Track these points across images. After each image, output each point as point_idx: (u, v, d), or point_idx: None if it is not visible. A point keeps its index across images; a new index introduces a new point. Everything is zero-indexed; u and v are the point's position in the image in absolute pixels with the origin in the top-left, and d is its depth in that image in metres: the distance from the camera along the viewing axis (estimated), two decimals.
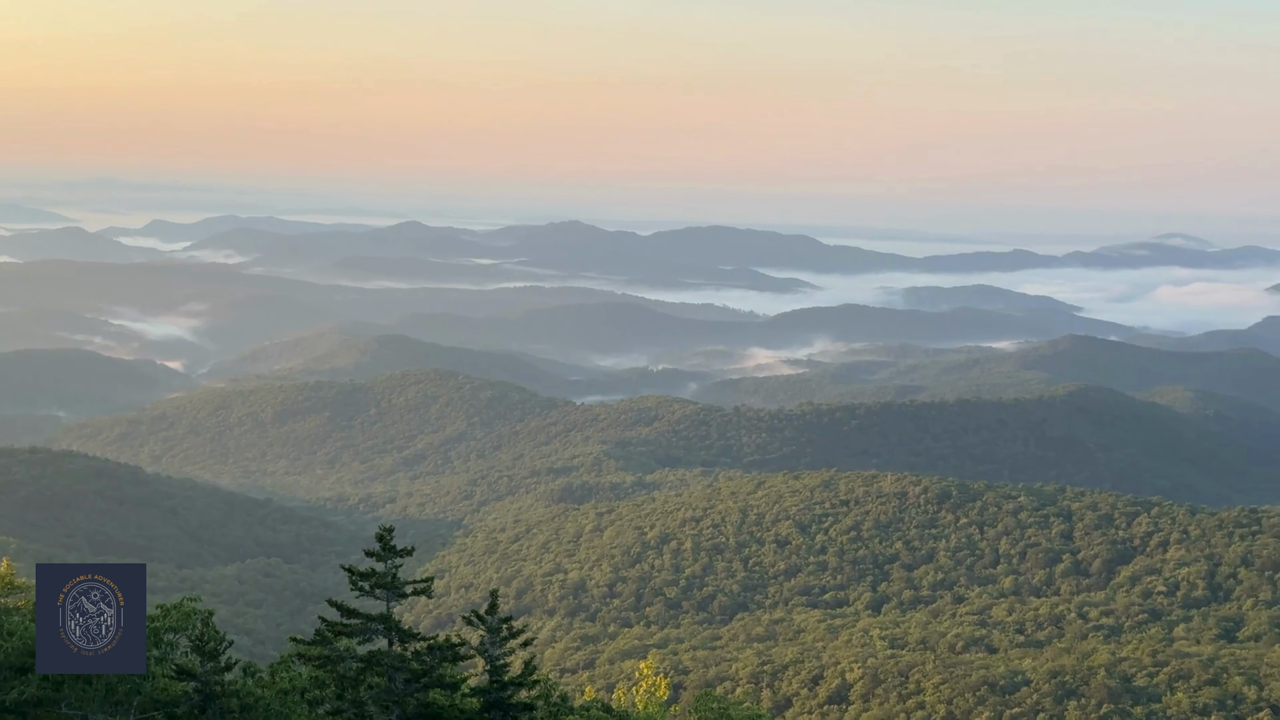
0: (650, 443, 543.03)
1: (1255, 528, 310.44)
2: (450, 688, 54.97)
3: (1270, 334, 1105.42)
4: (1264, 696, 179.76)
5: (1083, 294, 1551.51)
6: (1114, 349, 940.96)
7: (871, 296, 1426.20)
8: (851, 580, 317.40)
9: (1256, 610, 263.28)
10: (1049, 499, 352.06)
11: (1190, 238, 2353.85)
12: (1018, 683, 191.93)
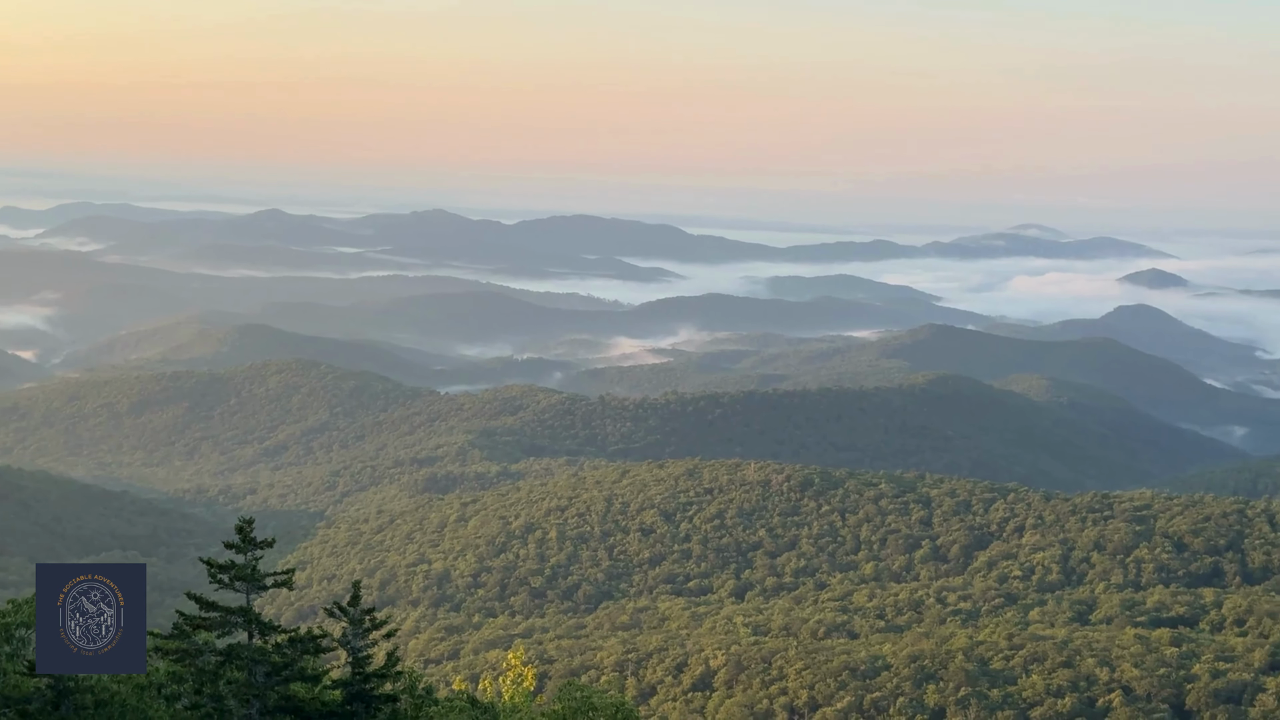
0: (515, 432, 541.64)
1: (1107, 512, 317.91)
2: (312, 680, 54.33)
3: (1122, 323, 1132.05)
4: (1115, 678, 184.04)
5: (942, 284, 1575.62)
6: (972, 338, 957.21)
7: (735, 286, 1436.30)
8: (715, 568, 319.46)
9: (1108, 593, 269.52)
10: (909, 486, 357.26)
11: (1045, 229, 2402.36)
12: (878, 667, 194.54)
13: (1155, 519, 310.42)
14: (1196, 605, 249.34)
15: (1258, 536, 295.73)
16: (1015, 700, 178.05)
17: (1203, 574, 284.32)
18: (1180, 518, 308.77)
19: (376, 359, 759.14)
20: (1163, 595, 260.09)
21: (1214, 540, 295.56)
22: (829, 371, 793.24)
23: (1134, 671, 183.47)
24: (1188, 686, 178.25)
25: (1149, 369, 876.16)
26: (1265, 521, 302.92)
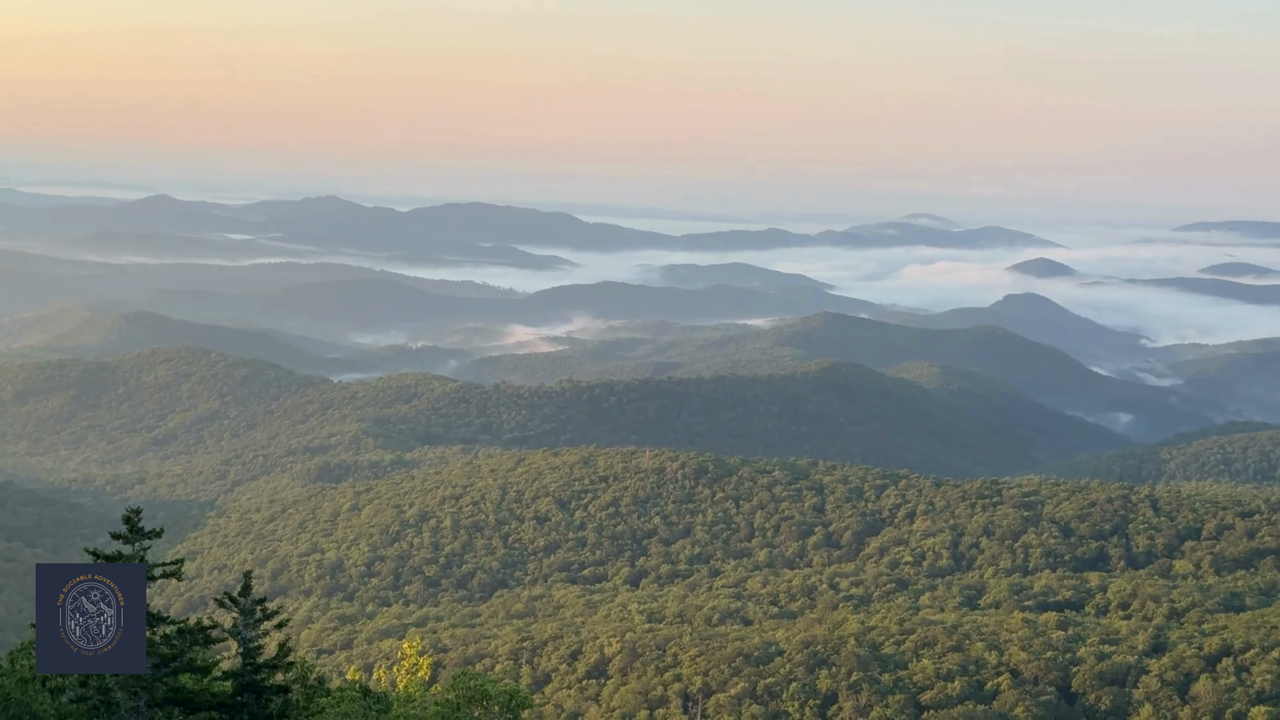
0: (409, 420, 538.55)
1: (996, 499, 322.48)
2: (201, 671, 53.65)
3: (1010, 311, 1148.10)
4: (1004, 661, 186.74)
5: (834, 272, 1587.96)
6: (864, 326, 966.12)
7: (630, 274, 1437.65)
8: (610, 556, 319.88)
9: (997, 578, 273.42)
10: (802, 473, 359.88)
11: (936, 218, 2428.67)
12: (771, 653, 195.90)
13: (1043, 505, 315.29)
14: (1082, 589, 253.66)
15: (1142, 521, 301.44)
16: (906, 684, 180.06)
17: (1088, 559, 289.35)
18: (1067, 503, 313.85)
19: (268, 347, 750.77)
20: (1050, 580, 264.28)
21: (1099, 525, 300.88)
22: (723, 359, 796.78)
23: (1022, 655, 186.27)
24: (1074, 669, 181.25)
25: (1037, 357, 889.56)
26: (1149, 507, 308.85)
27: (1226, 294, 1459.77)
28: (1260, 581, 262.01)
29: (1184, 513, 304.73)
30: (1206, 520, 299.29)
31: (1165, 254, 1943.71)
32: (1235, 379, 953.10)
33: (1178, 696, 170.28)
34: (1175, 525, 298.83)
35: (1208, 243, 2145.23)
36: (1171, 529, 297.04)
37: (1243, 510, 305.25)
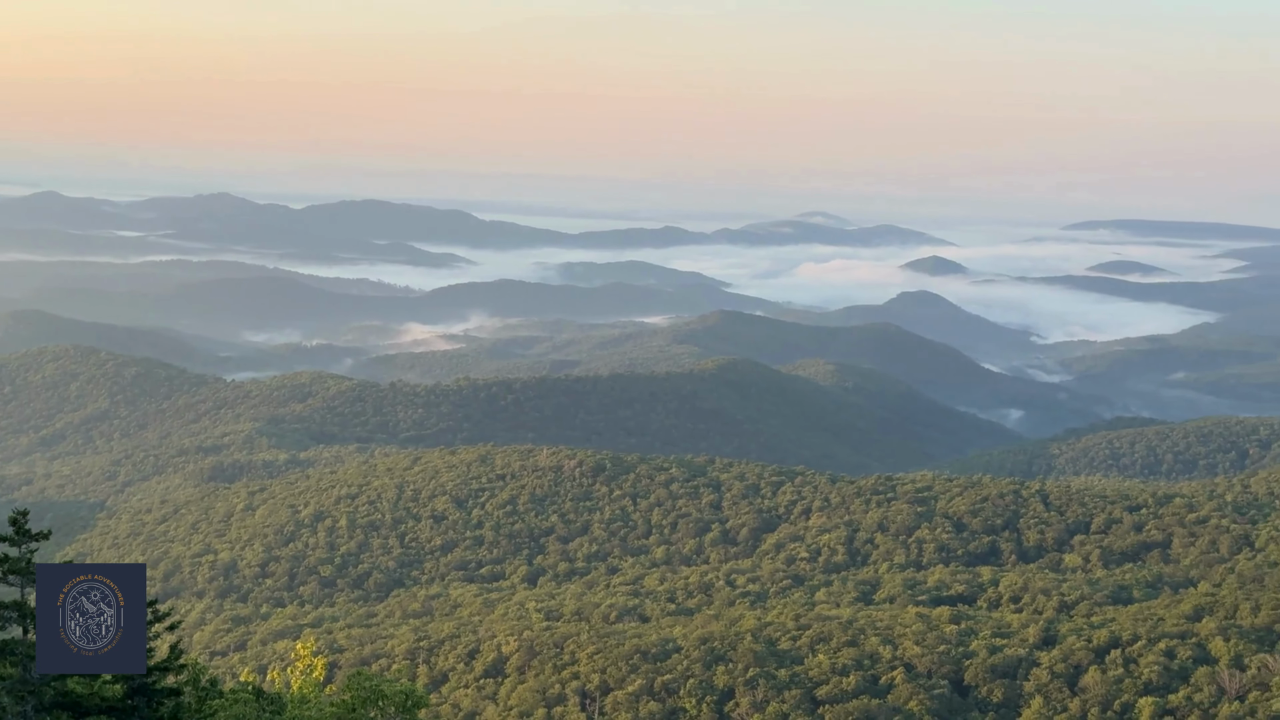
0: (304, 419, 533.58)
1: (890, 494, 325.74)
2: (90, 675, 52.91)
3: (904, 309, 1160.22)
4: (898, 655, 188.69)
5: (731, 270, 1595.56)
6: (760, 324, 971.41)
7: (527, 272, 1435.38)
8: (508, 554, 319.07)
9: (891, 573, 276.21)
10: (699, 470, 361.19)
11: (831, 216, 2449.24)
12: (669, 650, 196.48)
13: (936, 500, 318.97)
14: (975, 584, 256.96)
15: (1032, 516, 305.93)
16: (802, 680, 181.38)
17: (981, 553, 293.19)
18: (960, 499, 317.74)
19: (160, 346, 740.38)
20: (943, 574, 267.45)
21: (991, 520, 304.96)
22: (620, 357, 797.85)
23: (915, 649, 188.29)
24: (966, 663, 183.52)
25: (930, 354, 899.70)
26: (1039, 501, 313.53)
27: (1114, 291, 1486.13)
28: (1147, 574, 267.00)
29: (1073, 507, 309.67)
30: (1095, 515, 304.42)
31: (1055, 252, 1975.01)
32: (1122, 375, 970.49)
33: (1067, 688, 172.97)
34: (1065, 520, 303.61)
35: (1095, 241, 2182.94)
36: (1061, 523, 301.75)
37: (1130, 504, 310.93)
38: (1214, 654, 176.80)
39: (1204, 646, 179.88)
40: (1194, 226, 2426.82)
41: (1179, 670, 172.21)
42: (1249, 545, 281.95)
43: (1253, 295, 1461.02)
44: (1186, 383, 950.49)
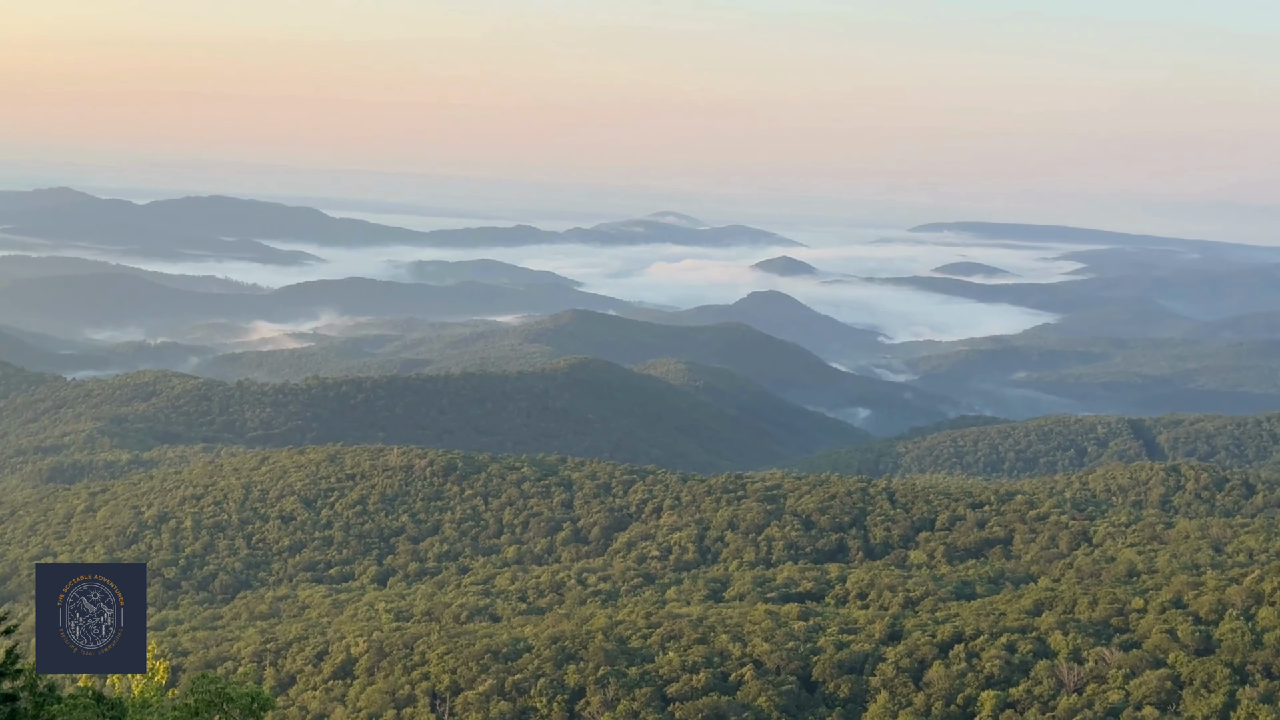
0: (148, 419, 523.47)
1: (740, 493, 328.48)
2: None
3: (754, 309, 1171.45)
4: (747, 652, 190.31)
5: (583, 269, 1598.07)
6: (612, 323, 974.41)
7: (378, 270, 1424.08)
8: (358, 554, 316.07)
9: (741, 571, 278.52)
10: (551, 469, 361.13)
11: (682, 216, 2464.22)
12: (520, 649, 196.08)
13: (785, 498, 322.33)
14: (823, 580, 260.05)
15: (879, 513, 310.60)
16: (652, 678, 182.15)
17: (829, 550, 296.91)
18: (808, 496, 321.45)
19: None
20: (792, 571, 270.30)
21: (839, 518, 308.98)
22: (472, 356, 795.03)
23: (764, 646, 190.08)
24: (814, 659, 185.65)
25: (780, 353, 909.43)
26: (886, 499, 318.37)
27: (958, 292, 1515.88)
28: (989, 570, 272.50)
29: (919, 504, 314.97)
30: (940, 512, 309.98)
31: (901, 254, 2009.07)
32: (966, 374, 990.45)
33: (912, 683, 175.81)
34: (910, 517, 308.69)
35: (940, 243, 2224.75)
36: (907, 520, 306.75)
37: (973, 502, 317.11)
38: (1053, 648, 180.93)
39: (1044, 641, 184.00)
40: (1035, 229, 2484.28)
41: (1020, 664, 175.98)
42: (1087, 541, 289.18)
43: (1091, 297, 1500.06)
44: (1028, 382, 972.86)
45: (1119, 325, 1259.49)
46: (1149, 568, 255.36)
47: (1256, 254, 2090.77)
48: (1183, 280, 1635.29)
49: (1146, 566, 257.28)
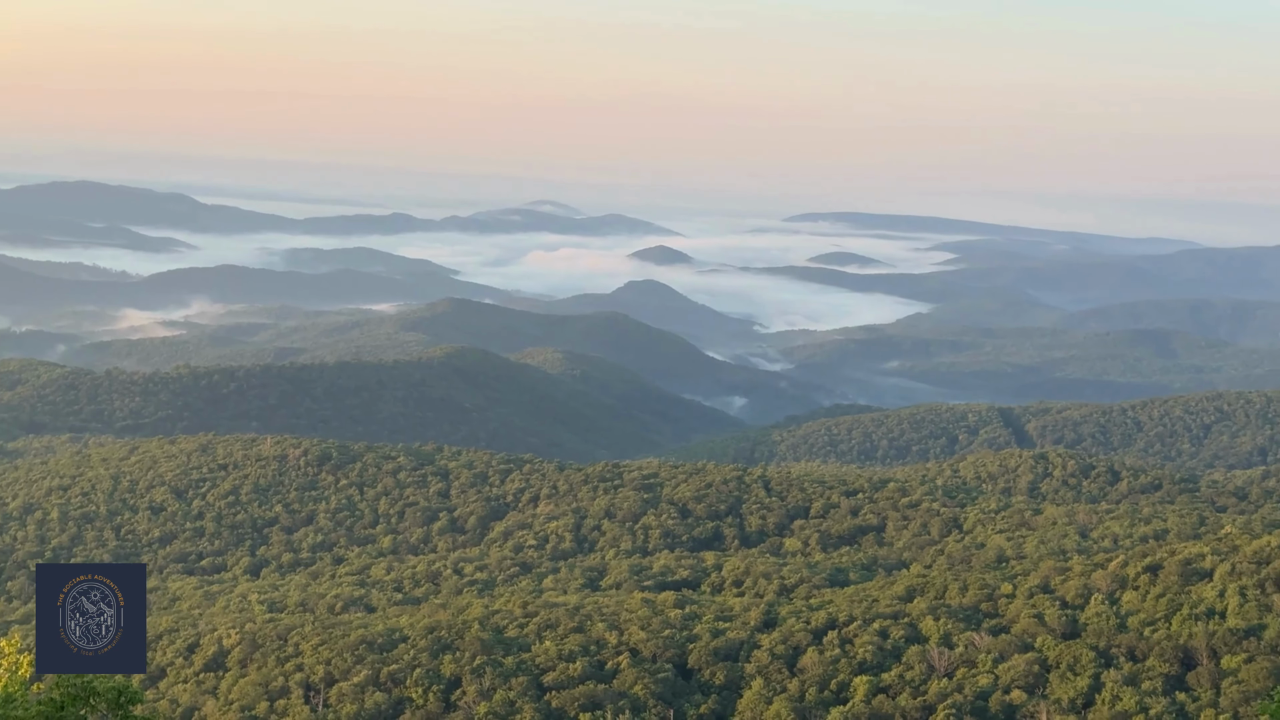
0: (12, 408, 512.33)
1: (617, 481, 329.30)
2: None
3: (631, 298, 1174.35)
4: (624, 640, 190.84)
5: (460, 258, 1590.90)
6: (489, 312, 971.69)
7: (250, 257, 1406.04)
8: (230, 545, 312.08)
9: (618, 559, 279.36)
10: (427, 459, 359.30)
11: (560, 205, 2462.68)
12: (395, 640, 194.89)
13: (662, 487, 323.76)
14: (699, 568, 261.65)
15: (754, 501, 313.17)
16: (529, 667, 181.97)
17: (705, 538, 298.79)
18: (685, 485, 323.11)
19: None
20: (668, 560, 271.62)
21: (715, 506, 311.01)
22: (347, 345, 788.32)
23: (641, 634, 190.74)
24: (690, 646, 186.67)
25: (657, 342, 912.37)
26: (761, 487, 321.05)
27: (833, 282, 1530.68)
28: (863, 557, 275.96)
29: (793, 492, 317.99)
30: (814, 500, 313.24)
31: (777, 244, 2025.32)
32: (840, 363, 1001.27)
33: (787, 669, 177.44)
34: (785, 505, 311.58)
35: (815, 233, 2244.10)
36: (782, 508, 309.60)
37: (847, 489, 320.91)
38: (925, 633, 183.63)
39: (915, 626, 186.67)
40: (908, 220, 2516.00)
41: (892, 649, 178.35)
42: (958, 528, 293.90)
43: (962, 287, 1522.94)
44: (901, 371, 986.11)
45: (989, 315, 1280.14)
46: (1017, 553, 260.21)
47: (1122, 245, 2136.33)
48: (1051, 271, 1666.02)
49: (1015, 552, 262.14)
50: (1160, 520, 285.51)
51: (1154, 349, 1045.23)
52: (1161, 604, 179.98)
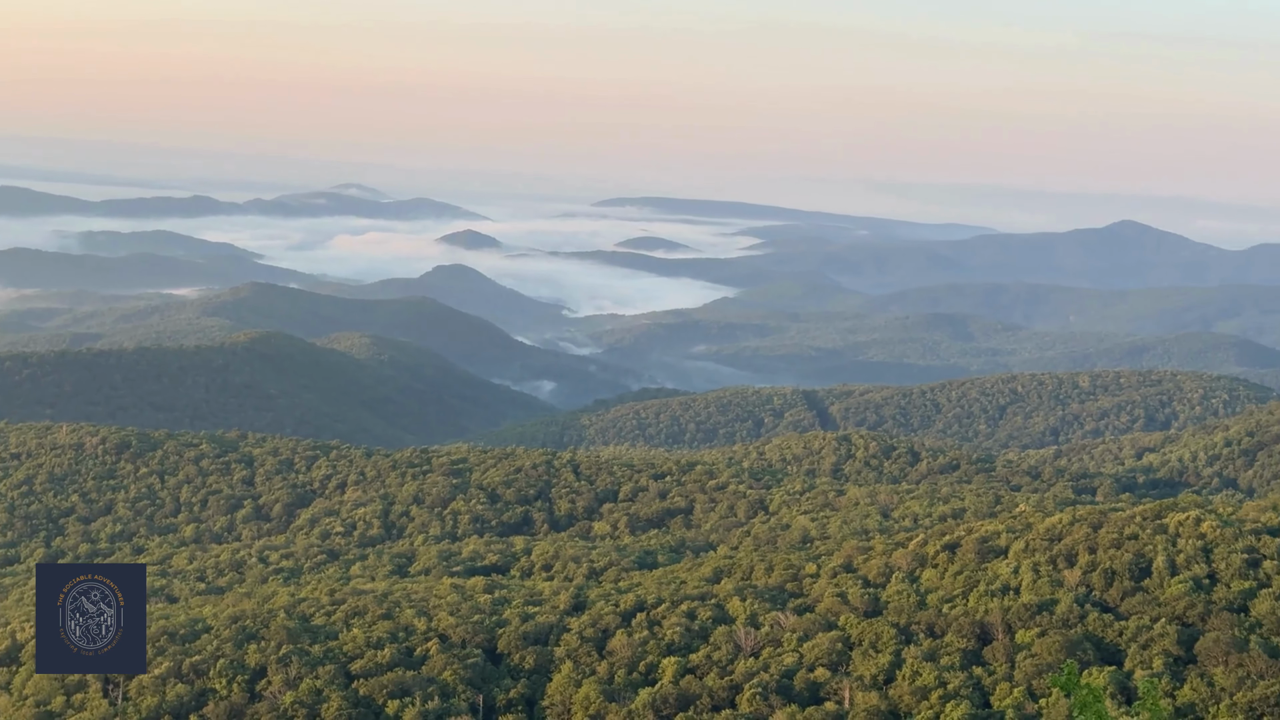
0: None
1: (426, 467, 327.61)
2: None
3: (440, 282, 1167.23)
4: (433, 627, 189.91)
5: (264, 241, 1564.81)
6: (295, 296, 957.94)
7: (44, 240, 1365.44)
8: (24, 536, 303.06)
9: (427, 546, 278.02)
10: (231, 446, 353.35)
11: (366, 188, 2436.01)
12: (199, 630, 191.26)
13: (471, 472, 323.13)
14: (508, 553, 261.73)
15: (564, 485, 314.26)
16: (336, 654, 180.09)
17: (514, 523, 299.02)
18: (494, 470, 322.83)
19: None
20: (478, 545, 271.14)
21: (525, 491, 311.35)
22: (147, 330, 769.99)
23: (450, 620, 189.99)
24: (499, 631, 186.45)
25: (465, 327, 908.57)
26: (570, 471, 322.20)
27: (641, 267, 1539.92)
28: (671, 539, 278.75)
29: (602, 476, 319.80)
30: (623, 483, 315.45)
31: (585, 228, 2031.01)
32: (649, 347, 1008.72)
33: (596, 652, 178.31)
34: (594, 488, 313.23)
35: (624, 218, 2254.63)
36: (591, 492, 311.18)
37: (655, 473, 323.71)
38: (732, 613, 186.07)
39: (722, 607, 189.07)
40: (715, 205, 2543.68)
41: (699, 630, 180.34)
42: (764, 509, 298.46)
43: (768, 272, 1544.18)
44: (708, 355, 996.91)
45: (794, 299, 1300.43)
46: (822, 534, 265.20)
47: (922, 231, 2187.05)
48: (853, 256, 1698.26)
49: (819, 533, 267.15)
50: (958, 500, 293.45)
51: (952, 332, 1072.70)
52: (959, 581, 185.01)
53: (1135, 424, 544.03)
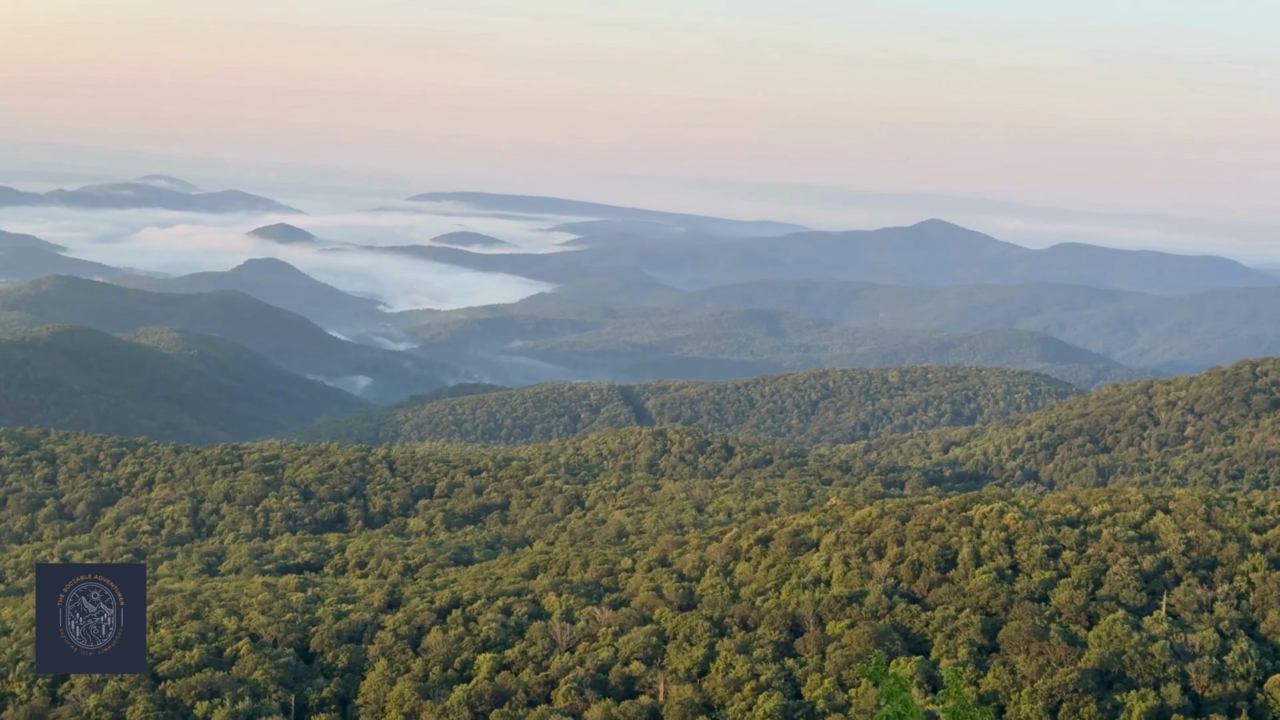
0: None
1: (237, 464, 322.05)
2: None
3: (251, 276, 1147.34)
4: (243, 626, 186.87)
5: (66, 233, 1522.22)
6: (99, 290, 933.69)
7: None
8: None
9: (238, 544, 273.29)
10: (32, 443, 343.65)
11: (174, 180, 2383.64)
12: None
13: (284, 469, 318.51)
14: (322, 551, 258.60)
15: (379, 482, 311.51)
16: None
17: (328, 520, 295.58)
18: (307, 466, 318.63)
19: None
20: (290, 543, 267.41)
21: (339, 487, 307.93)
22: None
23: (261, 619, 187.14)
24: (312, 630, 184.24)
25: (278, 322, 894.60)
26: (385, 467, 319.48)
27: (457, 262, 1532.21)
28: (487, 535, 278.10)
29: (418, 472, 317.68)
30: (439, 479, 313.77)
31: (401, 222, 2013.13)
32: (465, 343, 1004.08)
33: (411, 649, 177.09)
34: (410, 485, 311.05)
35: (440, 213, 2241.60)
36: (406, 488, 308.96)
37: (471, 468, 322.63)
38: (547, 609, 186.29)
39: (538, 603, 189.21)
40: (531, 200, 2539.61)
41: (515, 626, 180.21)
42: (580, 505, 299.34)
43: (584, 268, 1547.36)
44: (524, 350, 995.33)
45: (610, 295, 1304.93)
46: (637, 529, 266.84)
47: (736, 228, 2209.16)
48: (668, 252, 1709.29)
49: (635, 528, 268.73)
50: (771, 494, 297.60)
51: (765, 328, 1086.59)
52: (772, 574, 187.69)
53: (942, 419, 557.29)
